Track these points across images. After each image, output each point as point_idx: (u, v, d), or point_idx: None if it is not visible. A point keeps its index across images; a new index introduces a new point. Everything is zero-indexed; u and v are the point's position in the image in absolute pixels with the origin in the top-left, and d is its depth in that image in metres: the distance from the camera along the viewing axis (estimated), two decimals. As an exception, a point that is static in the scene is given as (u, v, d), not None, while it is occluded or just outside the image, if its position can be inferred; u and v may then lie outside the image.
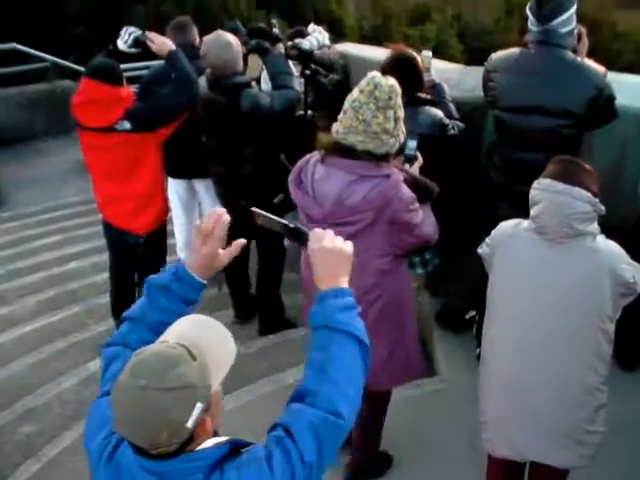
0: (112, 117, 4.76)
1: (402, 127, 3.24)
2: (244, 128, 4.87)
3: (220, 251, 2.31)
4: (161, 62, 5.46)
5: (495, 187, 4.24)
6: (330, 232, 2.25)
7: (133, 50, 5.04)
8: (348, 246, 2.25)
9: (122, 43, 4.98)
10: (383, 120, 3.11)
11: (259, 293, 5.70)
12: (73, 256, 7.40)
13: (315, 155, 3.38)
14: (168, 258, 5.58)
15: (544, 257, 2.95)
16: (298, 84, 5.38)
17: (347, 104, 3.20)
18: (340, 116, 3.24)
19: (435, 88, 4.54)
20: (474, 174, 4.52)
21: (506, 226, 3.16)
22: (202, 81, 5.05)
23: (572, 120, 3.85)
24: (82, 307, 6.36)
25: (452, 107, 4.53)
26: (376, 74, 3.18)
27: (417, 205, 3.25)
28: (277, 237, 5.46)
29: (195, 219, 6.05)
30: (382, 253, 3.28)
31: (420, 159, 3.57)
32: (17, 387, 5.33)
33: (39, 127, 11.53)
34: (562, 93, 3.84)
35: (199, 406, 1.71)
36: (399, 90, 3.18)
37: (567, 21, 3.88)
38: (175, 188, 6.02)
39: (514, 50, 4.13)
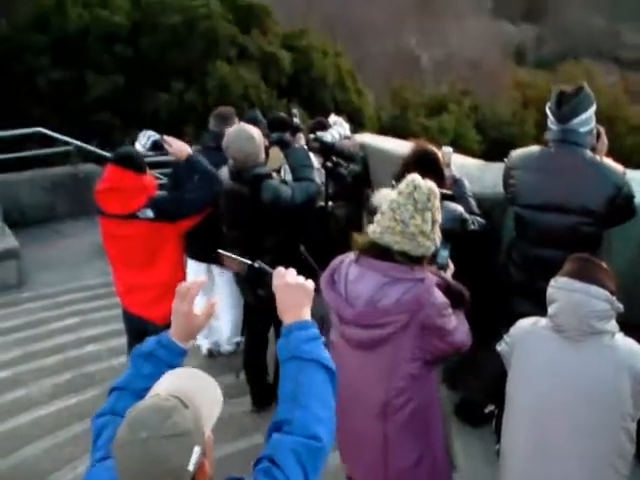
0: (135, 205, 4.81)
1: (438, 231, 3.24)
2: (265, 219, 4.91)
3: (197, 312, 2.54)
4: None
5: (514, 283, 4.24)
6: (292, 270, 2.51)
7: (151, 153, 5.24)
8: (309, 283, 2.50)
9: (140, 146, 5.13)
10: (421, 222, 3.09)
11: (277, 381, 5.67)
12: (90, 339, 7.37)
13: (350, 256, 3.38)
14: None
15: (563, 355, 2.95)
16: (319, 176, 5.45)
17: (385, 206, 3.20)
18: (377, 217, 3.24)
19: (456, 183, 4.58)
20: (494, 269, 4.53)
21: (524, 324, 3.18)
22: (224, 172, 5.12)
23: (591, 218, 3.86)
24: (99, 391, 6.30)
25: (473, 203, 4.56)
26: (415, 176, 3.18)
27: (450, 311, 3.22)
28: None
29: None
30: (412, 357, 3.22)
31: (452, 267, 3.57)
32: (30, 473, 5.26)
33: (61, 209, 11.70)
34: (582, 191, 3.86)
35: (197, 450, 1.86)
36: (437, 193, 3.18)
37: (586, 121, 3.93)
38: (194, 270, 6.06)
39: (534, 148, 4.18)
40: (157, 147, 5.15)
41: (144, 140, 5.14)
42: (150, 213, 4.82)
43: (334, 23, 75.49)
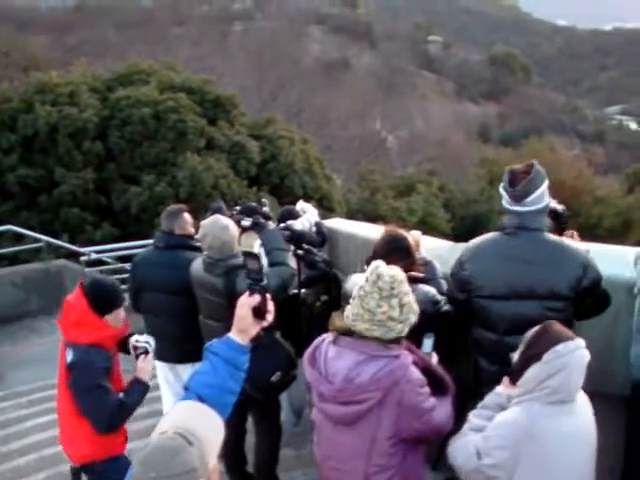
0: (71, 336, 4.52)
1: (412, 309, 3.29)
2: (239, 308, 4.93)
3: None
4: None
5: (484, 372, 4.14)
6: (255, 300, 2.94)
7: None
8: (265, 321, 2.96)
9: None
10: (387, 309, 3.18)
11: (258, 473, 5.62)
12: (65, 437, 7.28)
13: (330, 335, 3.47)
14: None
15: (567, 423, 3.04)
16: (293, 262, 5.51)
17: (355, 291, 3.31)
18: (350, 301, 3.33)
19: (427, 266, 4.64)
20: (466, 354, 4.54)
21: (514, 428, 3.06)
22: (197, 264, 5.16)
23: (560, 302, 3.82)
24: (75, 490, 6.22)
25: (444, 283, 4.61)
26: (379, 264, 3.29)
27: (427, 390, 3.26)
28: (273, 414, 5.46)
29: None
30: (391, 435, 3.24)
31: (435, 358, 3.61)
32: None
33: (33, 306, 11.62)
34: (548, 276, 3.84)
35: None
36: (402, 277, 3.27)
37: (540, 197, 3.95)
38: (163, 373, 6.05)
39: (488, 237, 4.16)
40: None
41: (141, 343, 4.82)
42: (70, 356, 4.48)
43: (299, 110, 76.66)
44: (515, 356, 3.21)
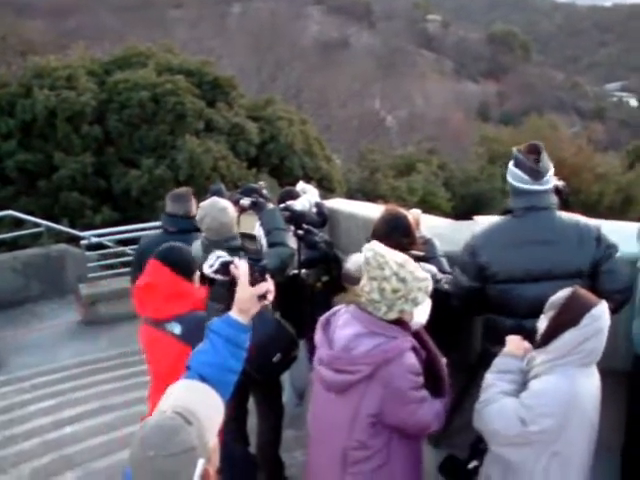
0: (166, 312, 4.27)
1: (400, 295, 3.26)
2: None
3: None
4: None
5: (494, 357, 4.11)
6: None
7: (219, 276, 4.42)
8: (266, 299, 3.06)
9: (208, 267, 4.46)
10: (369, 289, 3.29)
11: (260, 455, 5.63)
12: (68, 420, 7.29)
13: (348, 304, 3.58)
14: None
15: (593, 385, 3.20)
16: (293, 241, 5.50)
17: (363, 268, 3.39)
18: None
19: (427, 244, 4.62)
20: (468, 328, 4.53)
21: (560, 397, 3.11)
22: (197, 245, 5.14)
23: (579, 279, 3.75)
24: (79, 472, 6.23)
25: (444, 262, 4.60)
26: (372, 245, 3.36)
27: (420, 380, 3.29)
28: (275, 396, 5.46)
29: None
30: (372, 413, 3.27)
31: None
32: None
33: (34, 291, 11.63)
34: (565, 255, 3.83)
35: (201, 461, 2.08)
36: (383, 262, 3.29)
37: (552, 175, 3.96)
38: None
39: (498, 221, 4.13)
40: (226, 270, 4.26)
41: (212, 260, 4.40)
42: (177, 329, 4.25)
43: (299, 91, 76.44)
44: (542, 323, 3.26)
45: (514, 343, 3.45)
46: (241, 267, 3.73)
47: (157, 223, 7.81)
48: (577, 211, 4.17)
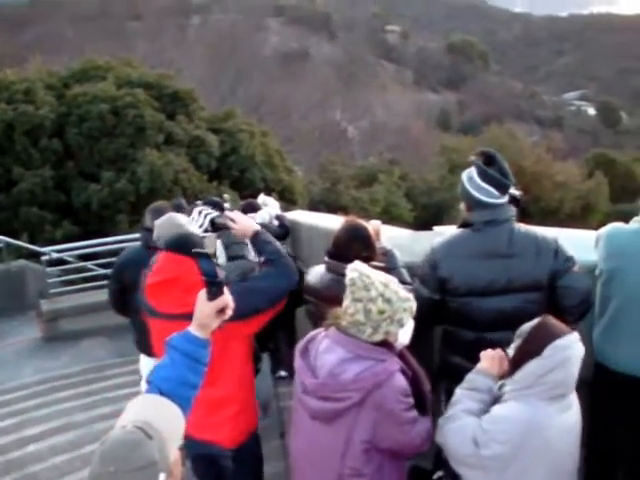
0: (194, 301, 3.95)
1: (386, 316, 3.20)
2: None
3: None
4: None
5: (456, 371, 3.86)
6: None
7: (209, 234, 4.28)
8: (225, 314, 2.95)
9: (197, 227, 4.30)
10: (354, 311, 3.14)
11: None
12: (31, 438, 7.20)
13: (326, 328, 3.42)
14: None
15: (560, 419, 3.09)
16: (253, 254, 5.49)
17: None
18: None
19: (387, 255, 4.62)
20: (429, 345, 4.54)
21: (516, 422, 3.04)
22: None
23: (539, 293, 3.80)
24: (42, 492, 6.17)
25: (405, 273, 4.59)
26: (357, 265, 3.27)
27: (410, 400, 3.22)
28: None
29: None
30: (368, 439, 3.19)
31: None
32: None
33: (-6, 307, 11.46)
34: (526, 267, 3.81)
35: (163, 476, 2.05)
36: (369, 282, 3.20)
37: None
38: (147, 365, 5.98)
39: (459, 233, 4.06)
40: (217, 227, 4.31)
41: (201, 220, 4.30)
42: None
43: (259, 103, 76.48)
44: (511, 350, 3.18)
45: (489, 361, 3.35)
46: (233, 215, 3.68)
47: (118, 237, 7.76)
48: (537, 219, 4.18)
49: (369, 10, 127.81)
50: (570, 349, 3.01)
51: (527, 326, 3.13)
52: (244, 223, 4.20)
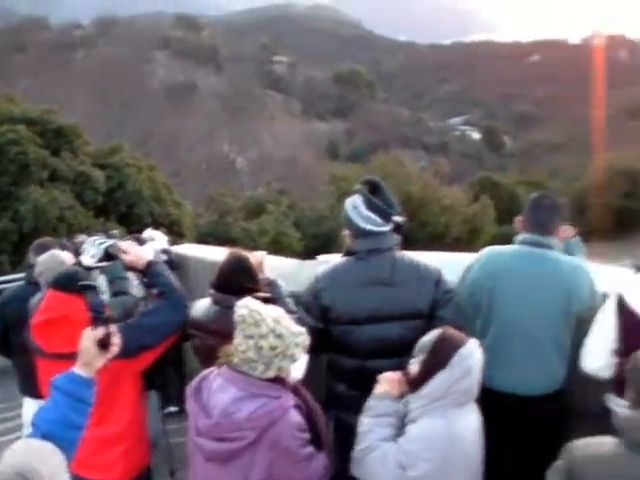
0: None
1: (278, 352, 3.16)
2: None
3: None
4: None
5: (342, 398, 3.99)
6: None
7: (103, 264, 4.10)
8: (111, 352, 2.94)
9: (89, 257, 4.14)
10: (245, 348, 3.04)
11: None
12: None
13: (218, 367, 3.34)
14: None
15: None
16: (137, 290, 5.41)
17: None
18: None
19: (271, 285, 4.61)
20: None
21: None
22: (37, 299, 5.01)
23: (420, 320, 3.79)
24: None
25: (290, 302, 4.58)
26: (247, 302, 3.18)
27: (307, 436, 3.17)
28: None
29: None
30: (263, 479, 3.12)
31: None
32: None
33: None
34: (408, 296, 3.82)
35: None
36: (261, 319, 3.16)
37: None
38: (31, 408, 5.81)
39: (341, 262, 4.06)
40: (110, 256, 4.15)
41: (94, 250, 4.12)
42: None
43: (147, 136, 75.85)
44: (414, 366, 3.18)
45: (389, 383, 3.32)
46: (126, 245, 3.59)
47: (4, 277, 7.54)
48: (424, 244, 4.22)
49: (258, 42, 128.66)
50: (473, 356, 3.06)
51: (428, 340, 3.15)
52: (137, 253, 4.24)
